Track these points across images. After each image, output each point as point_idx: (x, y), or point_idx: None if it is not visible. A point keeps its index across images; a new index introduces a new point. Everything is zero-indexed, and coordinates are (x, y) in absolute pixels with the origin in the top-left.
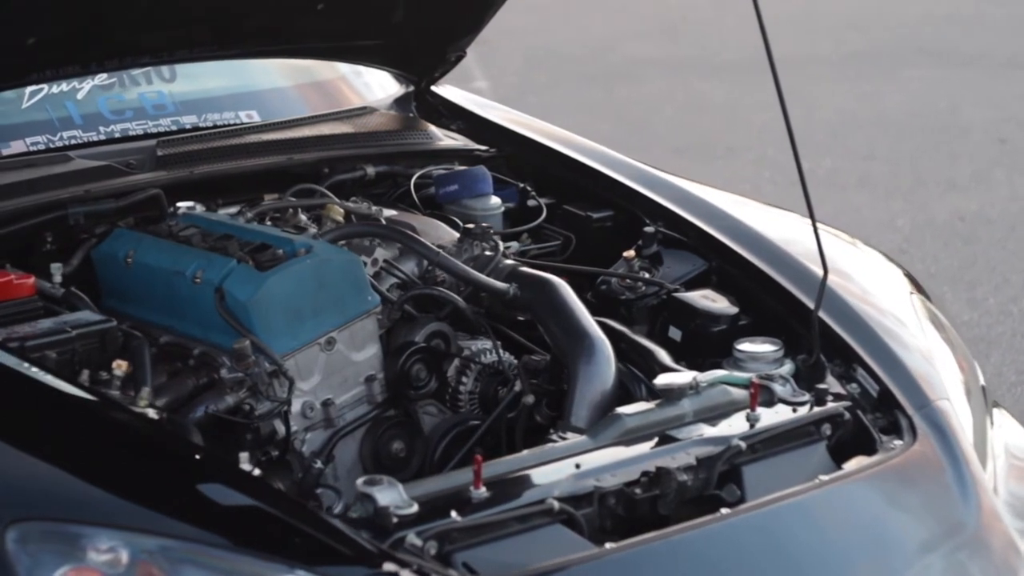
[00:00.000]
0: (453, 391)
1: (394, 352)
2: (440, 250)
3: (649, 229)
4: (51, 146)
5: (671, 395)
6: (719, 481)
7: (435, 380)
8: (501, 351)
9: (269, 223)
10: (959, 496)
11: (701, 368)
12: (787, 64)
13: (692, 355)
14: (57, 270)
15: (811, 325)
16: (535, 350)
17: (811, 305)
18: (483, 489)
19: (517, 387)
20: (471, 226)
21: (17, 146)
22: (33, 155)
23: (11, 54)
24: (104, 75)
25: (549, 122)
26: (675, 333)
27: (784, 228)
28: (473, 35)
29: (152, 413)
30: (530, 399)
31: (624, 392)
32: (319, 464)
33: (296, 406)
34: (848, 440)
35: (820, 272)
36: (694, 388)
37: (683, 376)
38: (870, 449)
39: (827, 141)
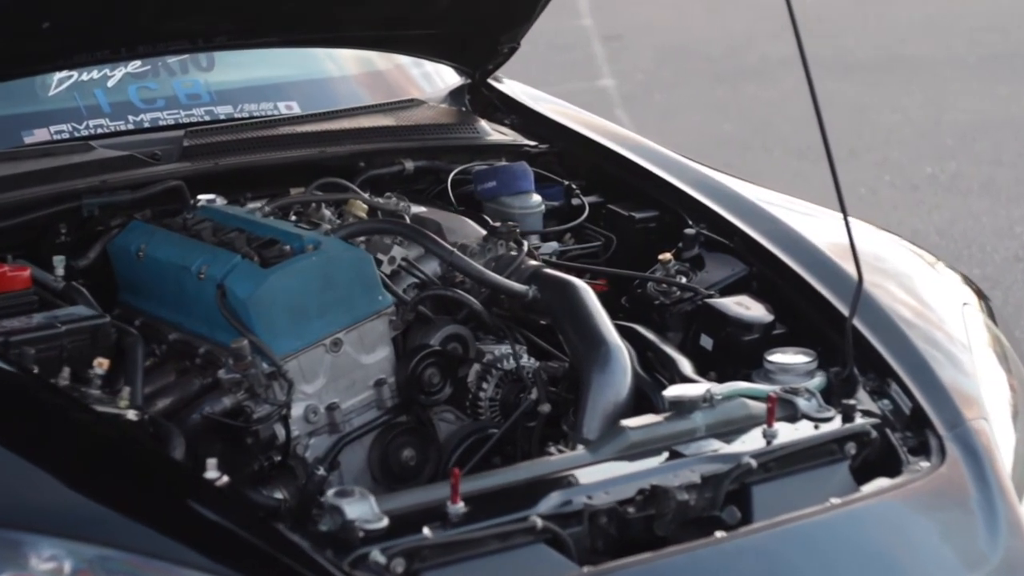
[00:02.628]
0: (473, 397)
1: (406, 355)
2: (455, 250)
3: (690, 231)
4: (76, 135)
5: (682, 408)
6: (727, 501)
7: (449, 385)
8: (523, 356)
9: (294, 218)
10: (984, 525)
11: (731, 379)
12: (920, 65)
13: (723, 365)
14: (60, 263)
15: (844, 335)
16: (559, 356)
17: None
18: (461, 504)
19: (534, 394)
20: (497, 225)
21: (41, 134)
22: (53, 144)
23: (24, 39)
24: (138, 63)
25: (670, 121)
26: (706, 341)
27: (839, 235)
28: (526, 25)
29: (132, 414)
30: (546, 407)
31: (648, 404)
32: (322, 471)
33: (298, 410)
34: (875, 460)
35: (866, 281)
36: (708, 401)
37: (696, 388)
38: (896, 471)
39: (954, 145)
